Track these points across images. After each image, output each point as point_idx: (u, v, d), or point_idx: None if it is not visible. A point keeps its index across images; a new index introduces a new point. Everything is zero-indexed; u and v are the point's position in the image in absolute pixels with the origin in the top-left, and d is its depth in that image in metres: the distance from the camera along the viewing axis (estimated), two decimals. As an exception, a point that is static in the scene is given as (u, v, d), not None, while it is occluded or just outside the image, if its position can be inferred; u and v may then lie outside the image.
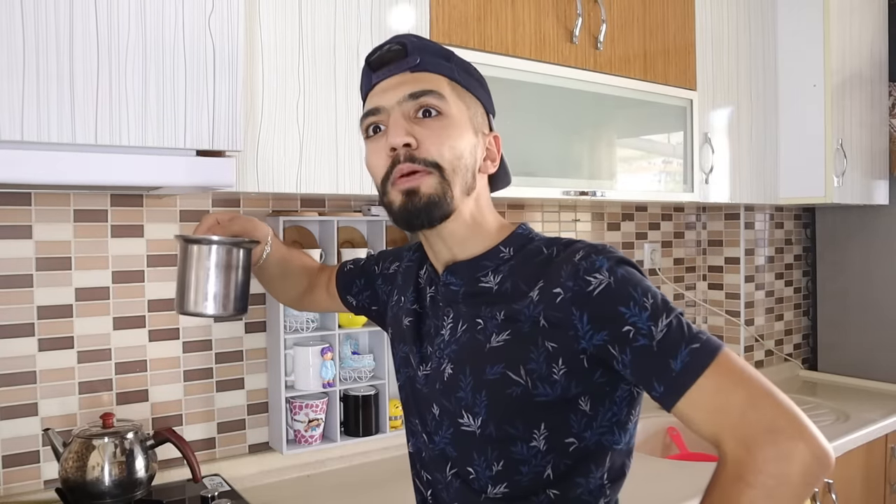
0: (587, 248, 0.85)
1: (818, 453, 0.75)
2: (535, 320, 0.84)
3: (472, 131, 0.92)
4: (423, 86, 0.89)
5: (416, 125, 0.88)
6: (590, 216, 2.45)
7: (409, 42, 0.92)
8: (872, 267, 2.77)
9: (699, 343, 0.78)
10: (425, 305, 0.99)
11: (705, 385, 0.77)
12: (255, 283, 1.74)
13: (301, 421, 1.74)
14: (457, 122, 0.89)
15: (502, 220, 0.97)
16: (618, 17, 1.97)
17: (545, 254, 0.89)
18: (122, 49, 1.13)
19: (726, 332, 2.80)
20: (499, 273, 0.90)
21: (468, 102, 0.93)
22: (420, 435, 0.97)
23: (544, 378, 0.83)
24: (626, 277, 0.82)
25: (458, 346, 0.90)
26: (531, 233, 0.95)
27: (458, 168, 0.88)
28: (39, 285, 1.49)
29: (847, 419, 2.23)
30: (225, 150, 1.23)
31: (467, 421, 0.88)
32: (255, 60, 1.38)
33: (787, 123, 2.50)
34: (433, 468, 0.95)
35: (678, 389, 0.77)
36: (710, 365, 0.77)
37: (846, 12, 2.49)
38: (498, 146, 0.96)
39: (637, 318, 0.79)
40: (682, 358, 0.77)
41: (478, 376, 0.87)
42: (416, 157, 0.87)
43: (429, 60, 0.91)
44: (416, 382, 0.98)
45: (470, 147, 0.90)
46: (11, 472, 1.46)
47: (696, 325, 0.81)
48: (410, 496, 1.03)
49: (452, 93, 0.91)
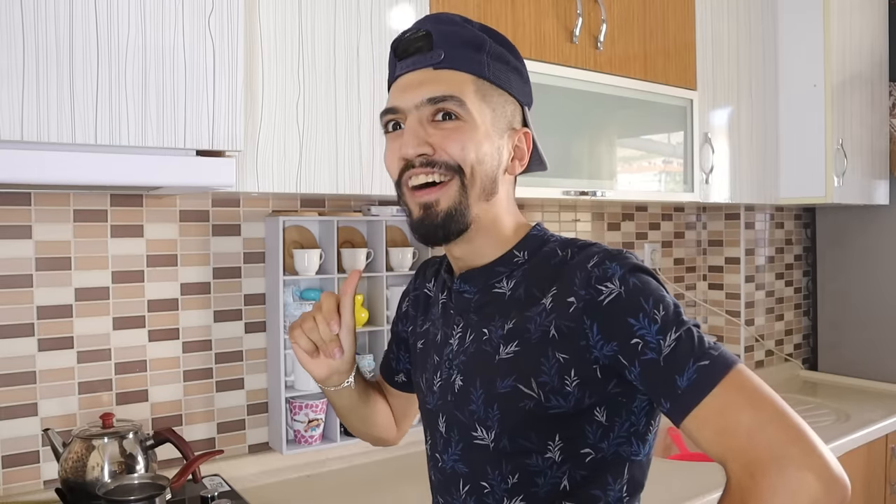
0: (602, 253, 0.82)
1: (830, 484, 0.68)
2: (546, 331, 0.81)
3: (497, 135, 0.87)
4: (444, 90, 0.84)
5: (433, 128, 0.84)
6: (590, 216, 2.45)
7: (435, 32, 0.86)
8: (872, 267, 2.77)
9: (709, 360, 0.74)
10: (435, 315, 0.97)
11: (712, 404, 0.73)
12: (255, 282, 1.74)
13: (301, 421, 1.74)
14: (477, 127, 0.85)
15: (519, 220, 0.93)
16: (618, 17, 1.97)
17: (560, 256, 0.86)
18: (121, 49, 1.13)
19: (726, 332, 2.79)
20: (512, 278, 0.88)
21: (495, 103, 0.87)
22: (431, 457, 0.95)
23: (557, 390, 0.80)
24: (637, 287, 0.79)
25: (466, 357, 0.88)
26: (546, 233, 0.91)
27: (478, 173, 0.85)
28: (39, 285, 1.49)
29: (847, 419, 2.23)
30: (225, 150, 1.23)
31: (481, 434, 0.86)
32: (255, 60, 1.38)
33: (787, 123, 2.50)
34: (444, 490, 0.92)
35: (683, 408, 0.74)
36: (719, 383, 0.73)
37: (846, 12, 2.49)
38: (528, 143, 0.91)
39: (646, 331, 0.76)
40: (689, 375, 0.74)
41: (489, 390, 0.84)
42: (436, 160, 0.84)
43: (455, 55, 0.85)
44: (426, 404, 0.96)
45: (492, 151, 0.86)
46: (11, 472, 1.46)
47: (711, 339, 0.77)
48: (410, 496, 1.03)
49: (476, 95, 0.85)
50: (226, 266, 1.71)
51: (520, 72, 0.91)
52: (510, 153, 0.89)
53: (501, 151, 0.88)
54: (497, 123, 0.87)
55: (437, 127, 0.84)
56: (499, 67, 0.88)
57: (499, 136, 0.87)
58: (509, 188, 0.91)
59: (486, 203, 0.87)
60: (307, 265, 1.72)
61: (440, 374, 0.92)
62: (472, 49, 0.86)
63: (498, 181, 0.88)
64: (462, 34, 0.87)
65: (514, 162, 0.90)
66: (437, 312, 0.97)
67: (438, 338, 0.94)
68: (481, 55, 0.86)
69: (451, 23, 0.87)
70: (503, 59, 0.89)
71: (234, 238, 1.72)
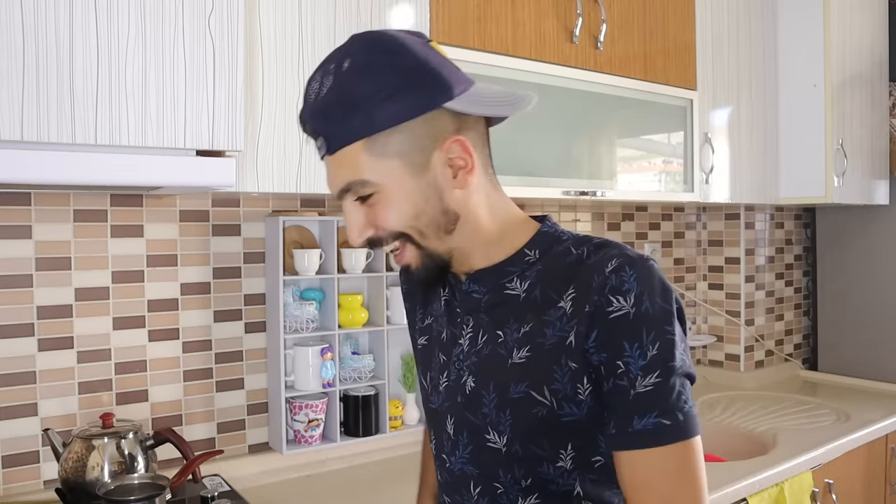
0: (621, 258, 0.78)
1: None
2: (564, 337, 0.79)
3: (418, 175, 0.81)
4: (344, 178, 0.81)
5: (365, 206, 0.83)
6: (590, 216, 2.45)
7: (309, 119, 0.82)
8: (872, 267, 2.77)
9: (671, 421, 0.75)
10: (438, 311, 0.95)
11: (648, 457, 0.75)
12: (255, 282, 1.74)
13: (301, 421, 1.74)
14: (393, 189, 0.81)
15: (520, 216, 0.89)
16: (618, 17, 1.97)
17: (574, 254, 0.83)
18: (122, 49, 1.13)
19: (726, 332, 2.79)
20: (525, 279, 0.85)
21: (399, 145, 0.79)
22: (437, 457, 0.94)
23: (570, 398, 0.79)
24: (646, 314, 0.76)
25: (478, 359, 0.86)
26: (556, 230, 0.88)
27: (422, 224, 0.82)
28: (39, 285, 1.49)
29: (848, 419, 2.23)
30: (225, 150, 1.23)
31: (493, 438, 0.84)
32: (255, 60, 1.38)
33: (787, 123, 2.50)
34: (453, 491, 0.91)
35: (624, 443, 0.76)
36: (666, 446, 0.75)
37: (846, 12, 2.49)
38: (465, 148, 0.81)
39: (632, 361, 0.76)
40: (645, 423, 0.75)
41: (502, 394, 0.83)
42: (381, 236, 0.84)
43: (335, 134, 0.80)
44: (429, 402, 0.95)
45: (421, 197, 0.81)
46: (11, 472, 1.46)
47: (690, 402, 0.77)
48: (410, 496, 1.02)
49: (375, 158, 0.79)
50: (226, 266, 1.71)
51: (414, 76, 0.79)
52: (449, 173, 0.82)
53: (435, 184, 0.81)
54: (413, 163, 0.80)
55: (365, 204, 0.83)
56: (383, 104, 0.78)
57: (421, 173, 0.81)
58: (478, 195, 0.85)
59: (456, 232, 0.84)
60: (307, 265, 1.72)
61: (447, 375, 0.91)
62: (346, 114, 0.79)
63: (451, 209, 0.83)
64: (328, 109, 0.80)
65: (459, 177, 0.82)
66: (438, 309, 0.95)
67: (444, 336, 0.93)
68: (357, 112, 0.78)
69: (319, 94, 0.80)
70: (385, 86, 0.78)
71: (234, 238, 1.72)
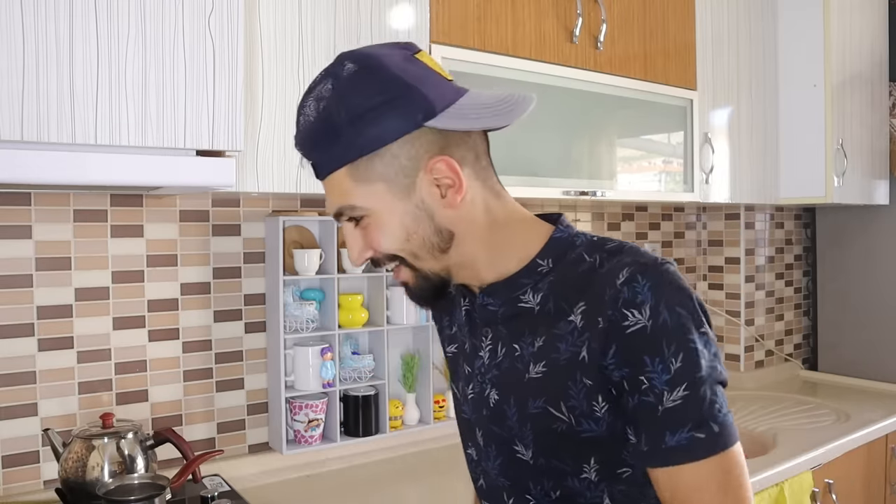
0: (633, 267, 0.76)
1: None
2: (577, 352, 0.77)
3: (405, 196, 0.79)
4: (336, 204, 0.82)
5: (359, 229, 0.83)
6: (590, 216, 2.45)
7: (300, 146, 0.83)
8: (872, 267, 2.77)
9: (706, 434, 0.72)
10: (460, 320, 0.94)
11: (688, 474, 0.72)
12: (255, 282, 1.74)
13: (301, 421, 1.74)
14: (382, 212, 0.80)
15: (529, 220, 0.86)
16: (618, 17, 1.97)
17: (588, 262, 0.81)
18: (121, 49, 1.13)
19: (726, 332, 2.79)
20: (539, 291, 0.83)
21: (383, 169, 0.78)
22: (478, 465, 0.94)
23: (587, 414, 0.77)
24: (665, 325, 0.73)
25: (499, 372, 0.85)
26: (569, 233, 0.85)
27: (414, 246, 0.81)
28: (39, 285, 1.49)
29: (848, 419, 2.23)
30: (225, 150, 1.23)
31: (521, 450, 0.84)
32: (255, 60, 1.38)
33: (787, 123, 2.50)
34: (491, 498, 0.91)
35: (660, 460, 0.74)
36: (704, 459, 0.72)
37: (846, 12, 2.49)
38: (450, 167, 0.78)
39: (655, 376, 0.73)
40: (679, 439, 0.72)
41: (522, 408, 0.82)
42: (378, 258, 0.84)
43: (322, 160, 0.80)
44: (461, 412, 0.95)
45: (411, 218, 0.80)
46: (11, 472, 1.46)
47: (724, 410, 0.73)
48: (410, 496, 1.02)
49: (360, 184, 0.79)
50: (226, 266, 1.71)
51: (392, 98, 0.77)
52: (436, 192, 0.80)
53: (424, 205, 0.80)
54: (398, 186, 0.79)
55: (359, 227, 0.83)
56: (363, 129, 0.77)
57: (408, 196, 0.79)
58: (474, 210, 0.82)
59: (453, 250, 0.82)
60: (307, 265, 1.72)
61: (472, 387, 0.90)
62: (329, 140, 0.79)
63: (444, 228, 0.81)
64: (313, 136, 0.80)
65: (448, 196, 0.80)
66: (460, 317, 0.94)
67: (467, 347, 0.92)
68: (339, 139, 0.78)
69: (303, 127, 0.81)
70: (364, 111, 0.77)
71: (234, 238, 1.72)
